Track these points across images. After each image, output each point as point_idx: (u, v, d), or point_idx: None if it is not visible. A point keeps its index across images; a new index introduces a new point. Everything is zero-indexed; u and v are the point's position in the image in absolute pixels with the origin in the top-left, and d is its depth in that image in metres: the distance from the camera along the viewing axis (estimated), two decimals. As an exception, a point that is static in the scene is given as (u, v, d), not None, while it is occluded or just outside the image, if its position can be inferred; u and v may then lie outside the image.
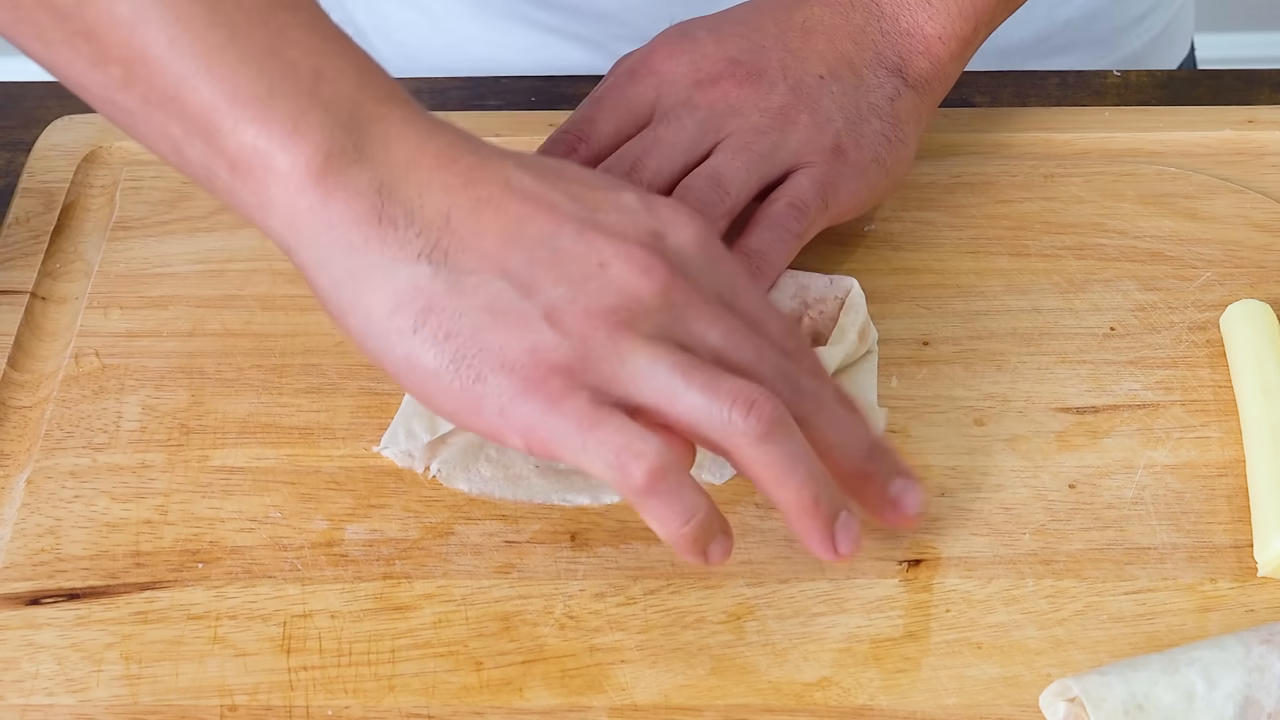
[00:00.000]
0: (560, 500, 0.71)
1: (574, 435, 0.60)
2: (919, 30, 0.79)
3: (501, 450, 0.72)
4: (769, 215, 0.74)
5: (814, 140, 0.76)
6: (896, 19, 0.79)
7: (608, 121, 0.76)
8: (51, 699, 0.65)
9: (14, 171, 0.86)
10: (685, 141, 0.75)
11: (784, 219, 0.74)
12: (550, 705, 0.64)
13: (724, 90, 0.76)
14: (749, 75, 0.76)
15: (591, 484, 0.71)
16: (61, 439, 0.73)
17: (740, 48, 0.77)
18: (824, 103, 0.76)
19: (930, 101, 0.80)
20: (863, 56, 0.78)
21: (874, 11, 0.79)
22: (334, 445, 0.73)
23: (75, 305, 0.79)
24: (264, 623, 0.67)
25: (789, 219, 0.74)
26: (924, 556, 0.69)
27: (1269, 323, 0.75)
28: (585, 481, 0.71)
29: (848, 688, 0.65)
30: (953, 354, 0.77)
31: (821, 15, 0.79)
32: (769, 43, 0.77)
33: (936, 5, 0.79)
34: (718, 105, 0.75)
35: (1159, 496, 0.71)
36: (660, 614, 0.67)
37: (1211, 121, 0.87)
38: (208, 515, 0.70)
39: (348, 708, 0.64)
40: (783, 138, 0.75)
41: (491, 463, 0.72)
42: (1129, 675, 0.62)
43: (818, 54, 0.78)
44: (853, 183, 0.76)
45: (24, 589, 0.68)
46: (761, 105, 0.75)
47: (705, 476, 0.71)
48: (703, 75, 0.76)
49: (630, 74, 0.77)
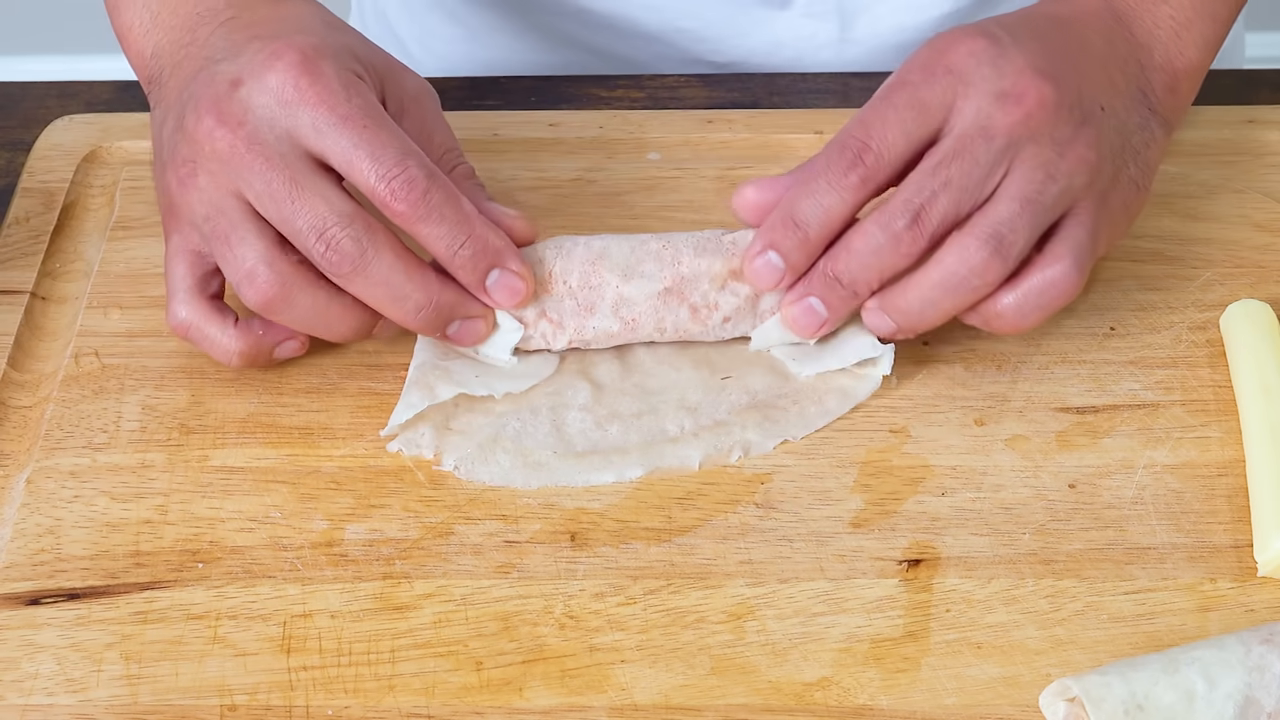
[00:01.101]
0: (584, 481, 0.71)
1: None
2: (1169, 65, 0.76)
3: (517, 439, 0.72)
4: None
5: (1091, 185, 0.72)
6: (1151, 52, 0.76)
7: (897, 125, 0.71)
8: (51, 699, 0.65)
9: (14, 171, 0.86)
10: (975, 182, 0.70)
11: (1066, 285, 0.72)
12: (550, 705, 0.64)
13: (1026, 109, 0.70)
14: (1049, 94, 0.71)
15: (613, 461, 0.72)
16: (61, 439, 0.73)
17: (1042, 60, 0.72)
18: (1103, 140, 0.72)
19: (1169, 140, 0.77)
20: (1130, 91, 0.75)
21: (1132, 42, 0.76)
22: (334, 445, 0.73)
23: (75, 305, 0.79)
24: (264, 623, 0.67)
25: (1071, 286, 0.72)
26: (924, 556, 0.69)
27: (1269, 323, 0.75)
28: (605, 460, 0.72)
29: (848, 688, 0.65)
30: (953, 354, 0.77)
31: (1094, 41, 0.75)
32: (1063, 60, 0.72)
33: (1185, 40, 0.76)
34: (1016, 132, 0.70)
35: (1159, 496, 0.71)
36: (660, 614, 0.67)
37: (1211, 121, 0.87)
38: (208, 515, 0.70)
39: (348, 708, 0.64)
40: (1069, 183, 0.71)
41: (509, 452, 0.72)
42: (1129, 675, 0.62)
43: (1101, 83, 0.74)
44: (1106, 231, 0.74)
45: (24, 589, 0.68)
46: (1055, 135, 0.71)
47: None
48: (1007, 86, 0.70)
49: (926, 70, 0.71)
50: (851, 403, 0.74)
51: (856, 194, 0.71)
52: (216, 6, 0.75)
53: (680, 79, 0.93)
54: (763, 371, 0.76)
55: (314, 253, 0.70)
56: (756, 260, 0.72)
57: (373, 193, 0.69)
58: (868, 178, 0.70)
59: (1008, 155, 0.70)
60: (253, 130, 0.70)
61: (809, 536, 0.70)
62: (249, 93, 0.70)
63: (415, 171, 0.69)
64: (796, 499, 0.71)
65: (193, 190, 0.71)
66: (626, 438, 0.73)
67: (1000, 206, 0.70)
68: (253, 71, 0.70)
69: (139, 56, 0.78)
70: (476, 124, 0.87)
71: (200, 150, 0.71)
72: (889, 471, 0.72)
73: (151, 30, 0.77)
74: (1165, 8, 0.77)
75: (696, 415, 0.74)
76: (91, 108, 0.90)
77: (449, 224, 0.70)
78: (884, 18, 0.97)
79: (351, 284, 0.70)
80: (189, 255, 0.73)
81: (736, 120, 0.88)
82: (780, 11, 0.97)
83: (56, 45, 2.17)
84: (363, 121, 0.70)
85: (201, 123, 0.70)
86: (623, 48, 1.00)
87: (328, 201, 0.69)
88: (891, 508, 0.71)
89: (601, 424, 0.73)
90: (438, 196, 0.70)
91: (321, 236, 0.69)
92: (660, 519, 0.70)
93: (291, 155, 0.70)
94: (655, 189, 0.84)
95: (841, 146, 0.71)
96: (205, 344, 0.73)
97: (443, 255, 0.71)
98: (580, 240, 0.75)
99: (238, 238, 0.70)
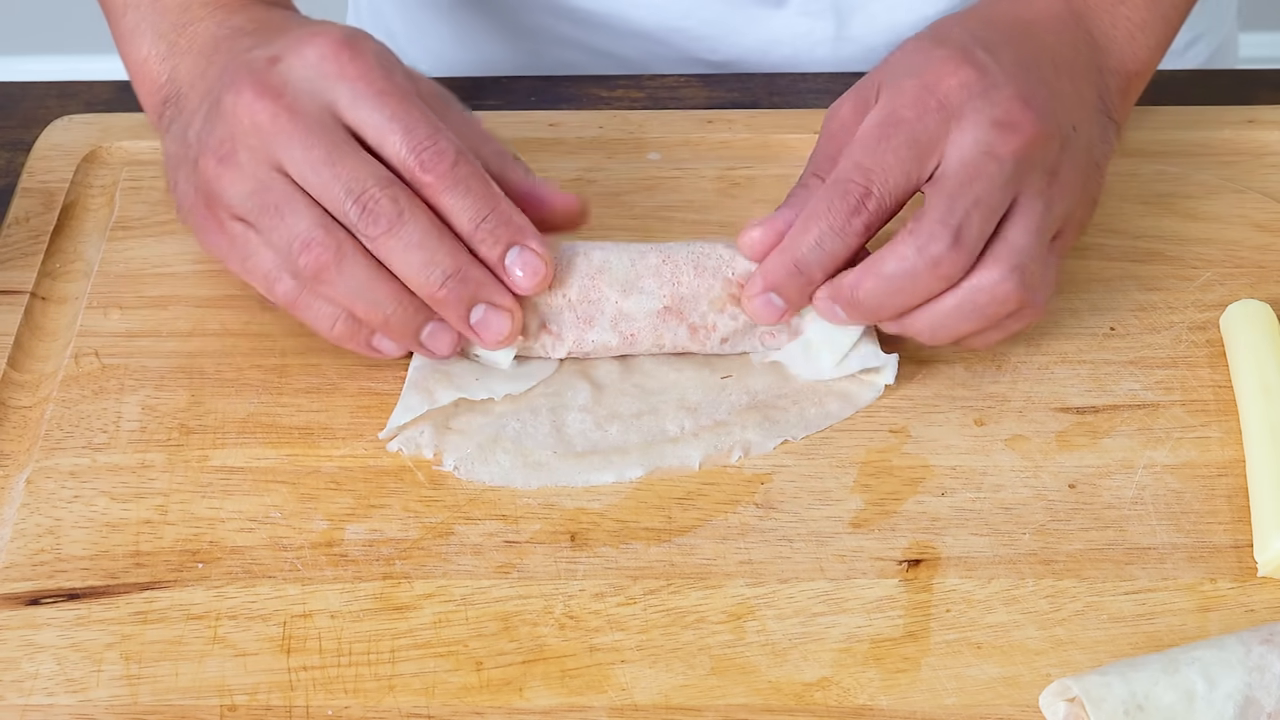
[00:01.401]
0: (584, 481, 0.71)
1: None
2: (1124, 68, 0.77)
3: (518, 440, 0.72)
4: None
5: (1070, 210, 0.73)
6: (1109, 55, 0.76)
7: (897, 167, 0.70)
8: (51, 699, 0.65)
9: (14, 171, 0.86)
10: (999, 201, 0.70)
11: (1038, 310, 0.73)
12: (550, 705, 0.64)
13: (1023, 138, 0.70)
14: (1039, 125, 0.70)
15: (613, 461, 0.72)
16: (61, 439, 0.73)
17: (1026, 87, 0.71)
18: (1077, 163, 0.73)
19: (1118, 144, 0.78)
20: (1093, 102, 0.75)
21: (1092, 46, 0.76)
22: (334, 445, 0.73)
23: (75, 305, 0.79)
24: (264, 623, 0.67)
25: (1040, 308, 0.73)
26: (924, 556, 0.69)
27: (1269, 323, 0.75)
28: (605, 460, 0.72)
29: (848, 688, 0.65)
30: (953, 354, 0.77)
31: (1061, 51, 0.75)
32: (1042, 84, 0.72)
33: (1139, 42, 0.76)
34: (1018, 157, 0.70)
35: (1159, 496, 0.71)
36: (660, 614, 0.67)
37: (1211, 121, 0.87)
38: (208, 515, 0.70)
39: (348, 708, 0.64)
40: (1060, 208, 0.72)
41: (509, 452, 0.72)
42: (1129, 675, 0.62)
43: (1072, 101, 0.74)
44: (1069, 247, 0.75)
45: (24, 589, 0.68)
46: (1045, 164, 0.71)
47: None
48: (1000, 115, 0.70)
49: (919, 106, 0.71)
50: (853, 408, 0.74)
51: (860, 238, 0.71)
52: (242, 26, 0.76)
53: (680, 79, 0.93)
54: (763, 371, 0.76)
55: (351, 215, 0.69)
56: (757, 300, 0.73)
57: (403, 164, 0.70)
58: (871, 223, 0.71)
59: (1015, 180, 0.70)
60: (292, 99, 0.70)
61: (809, 536, 0.70)
62: (289, 66, 0.71)
63: (445, 144, 0.70)
64: (796, 499, 0.71)
65: (233, 168, 0.71)
66: (626, 438, 0.73)
67: (1018, 236, 0.71)
68: (291, 48, 0.71)
69: (152, 82, 0.78)
70: (476, 124, 0.87)
71: (240, 125, 0.71)
72: (889, 472, 0.72)
73: (169, 57, 0.78)
74: (1123, 8, 0.77)
75: (697, 415, 0.74)
76: (91, 108, 0.90)
77: (474, 196, 0.71)
78: (879, 15, 0.97)
79: (387, 245, 0.70)
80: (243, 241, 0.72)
81: (736, 120, 0.88)
82: (776, 10, 0.97)
83: (56, 45, 2.17)
84: (399, 96, 0.70)
85: (241, 97, 0.71)
86: (619, 47, 1.00)
87: (366, 164, 0.70)
88: (891, 508, 0.71)
89: (601, 424, 0.73)
90: (465, 170, 0.70)
91: (359, 199, 0.69)
92: (660, 519, 0.70)
93: (330, 124, 0.70)
94: (655, 189, 0.84)
95: (844, 191, 0.70)
96: (311, 313, 0.73)
97: (465, 227, 0.71)
98: (580, 248, 0.74)
99: (290, 208, 0.70)
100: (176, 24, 0.78)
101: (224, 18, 0.77)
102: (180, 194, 0.75)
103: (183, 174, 0.75)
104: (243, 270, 0.73)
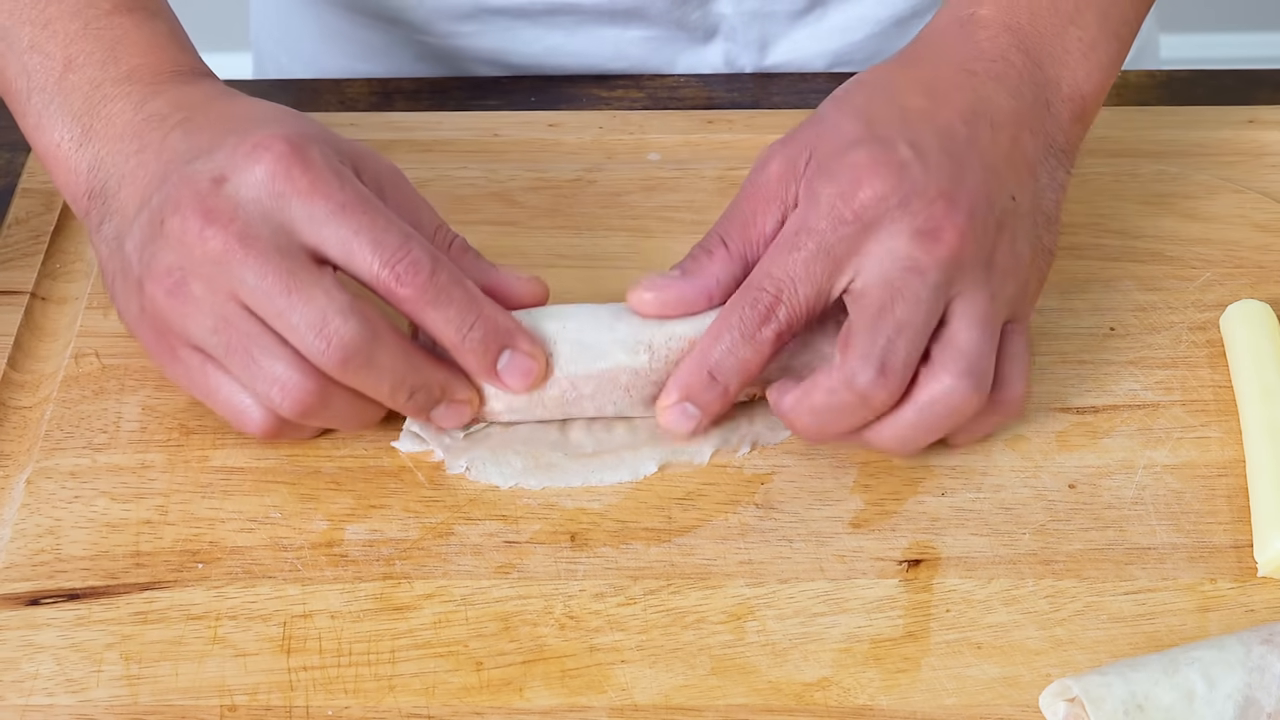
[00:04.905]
0: (598, 481, 0.71)
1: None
2: (1077, 93, 0.74)
3: (528, 441, 0.72)
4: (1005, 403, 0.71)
5: (1022, 286, 0.71)
6: (1060, 85, 0.74)
7: (807, 280, 0.68)
8: (51, 699, 0.65)
9: (14, 171, 0.86)
10: (924, 318, 0.68)
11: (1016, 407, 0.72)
12: (550, 705, 0.64)
13: (947, 245, 0.68)
14: (963, 224, 0.68)
15: (625, 459, 0.72)
16: (61, 439, 0.73)
17: (948, 180, 0.69)
18: (1019, 234, 0.71)
19: (1071, 174, 0.75)
20: (1039, 150, 0.73)
21: (1039, 80, 0.73)
22: (334, 445, 0.73)
23: (75, 305, 0.79)
24: (264, 623, 0.67)
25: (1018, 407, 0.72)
26: (924, 556, 0.69)
27: (1269, 323, 0.75)
28: (618, 459, 0.72)
29: (848, 688, 0.65)
30: (953, 354, 0.76)
31: (997, 99, 0.72)
32: (969, 165, 0.70)
33: (1093, 61, 0.74)
34: (944, 264, 0.68)
35: (1159, 496, 0.71)
36: (660, 614, 0.67)
37: (1211, 121, 0.87)
38: (208, 515, 0.70)
39: (348, 708, 0.64)
40: (1006, 292, 0.70)
41: (520, 454, 0.72)
42: (1129, 675, 0.62)
43: (1010, 166, 0.71)
44: (1030, 306, 0.73)
45: (24, 589, 0.68)
46: (979, 255, 0.69)
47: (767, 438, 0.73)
48: (921, 224, 0.68)
49: (833, 219, 0.68)
50: None
51: (772, 347, 0.69)
52: (162, 111, 0.72)
53: (680, 79, 0.93)
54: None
55: (314, 350, 0.67)
56: (673, 410, 0.70)
57: (376, 280, 0.67)
58: (782, 332, 0.69)
59: (945, 285, 0.68)
60: (244, 225, 0.67)
61: (809, 537, 0.70)
62: (235, 188, 0.67)
63: (419, 254, 0.67)
64: (796, 499, 0.71)
65: (187, 302, 0.67)
66: (635, 437, 0.73)
67: (963, 336, 0.69)
68: (237, 166, 0.67)
69: (72, 173, 0.73)
70: (476, 124, 0.87)
71: (190, 255, 0.67)
72: (889, 471, 0.72)
73: (85, 143, 0.72)
74: (1073, 29, 0.74)
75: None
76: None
77: (457, 306, 0.68)
78: (802, 44, 0.98)
79: (356, 376, 0.68)
80: (210, 376, 0.70)
81: (736, 120, 0.88)
82: (704, 45, 0.97)
83: (56, 45, 2.16)
84: (360, 208, 0.67)
85: (188, 225, 0.67)
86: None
87: (326, 294, 0.67)
88: (891, 508, 0.71)
89: (609, 426, 0.73)
90: (444, 278, 0.68)
91: (321, 333, 0.66)
92: (660, 519, 0.70)
93: (288, 249, 0.67)
94: (655, 189, 0.84)
95: (754, 300, 0.69)
96: (287, 436, 0.72)
97: (452, 339, 0.69)
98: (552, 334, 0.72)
99: (260, 349, 0.67)
100: (88, 104, 0.72)
101: (140, 99, 0.72)
102: (122, 306, 0.71)
103: (123, 287, 0.71)
104: (206, 399, 0.70)
